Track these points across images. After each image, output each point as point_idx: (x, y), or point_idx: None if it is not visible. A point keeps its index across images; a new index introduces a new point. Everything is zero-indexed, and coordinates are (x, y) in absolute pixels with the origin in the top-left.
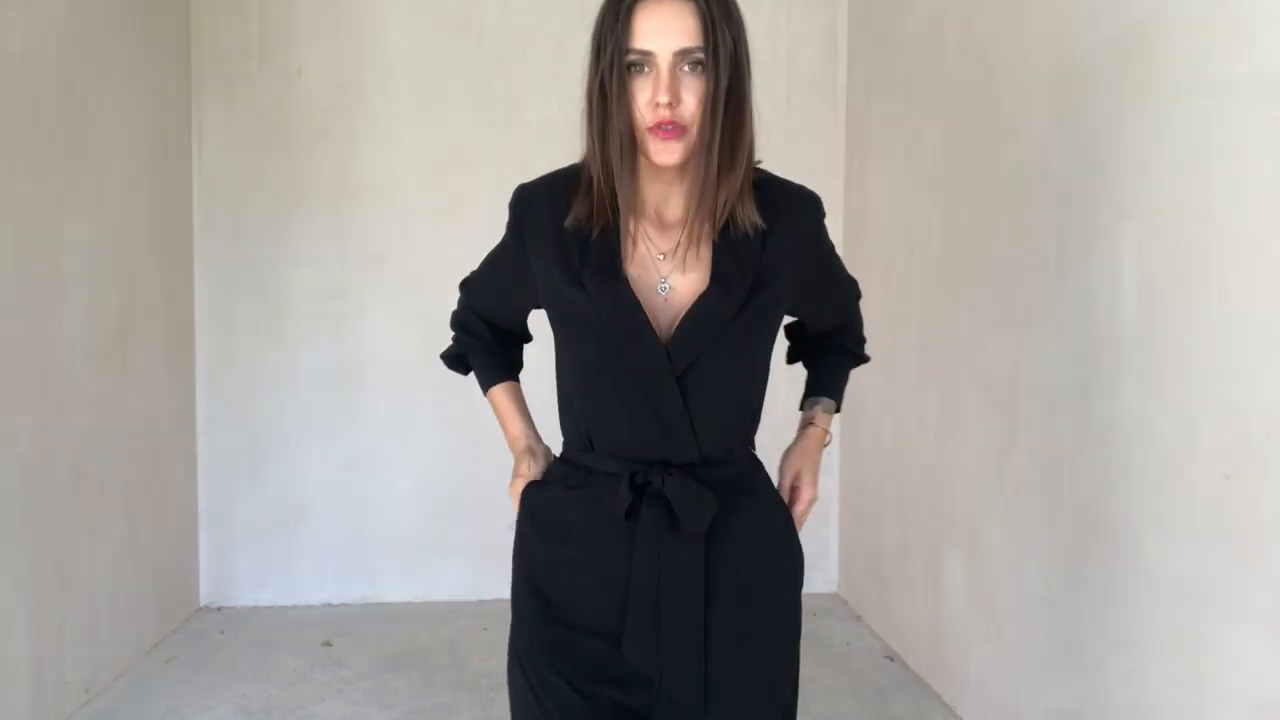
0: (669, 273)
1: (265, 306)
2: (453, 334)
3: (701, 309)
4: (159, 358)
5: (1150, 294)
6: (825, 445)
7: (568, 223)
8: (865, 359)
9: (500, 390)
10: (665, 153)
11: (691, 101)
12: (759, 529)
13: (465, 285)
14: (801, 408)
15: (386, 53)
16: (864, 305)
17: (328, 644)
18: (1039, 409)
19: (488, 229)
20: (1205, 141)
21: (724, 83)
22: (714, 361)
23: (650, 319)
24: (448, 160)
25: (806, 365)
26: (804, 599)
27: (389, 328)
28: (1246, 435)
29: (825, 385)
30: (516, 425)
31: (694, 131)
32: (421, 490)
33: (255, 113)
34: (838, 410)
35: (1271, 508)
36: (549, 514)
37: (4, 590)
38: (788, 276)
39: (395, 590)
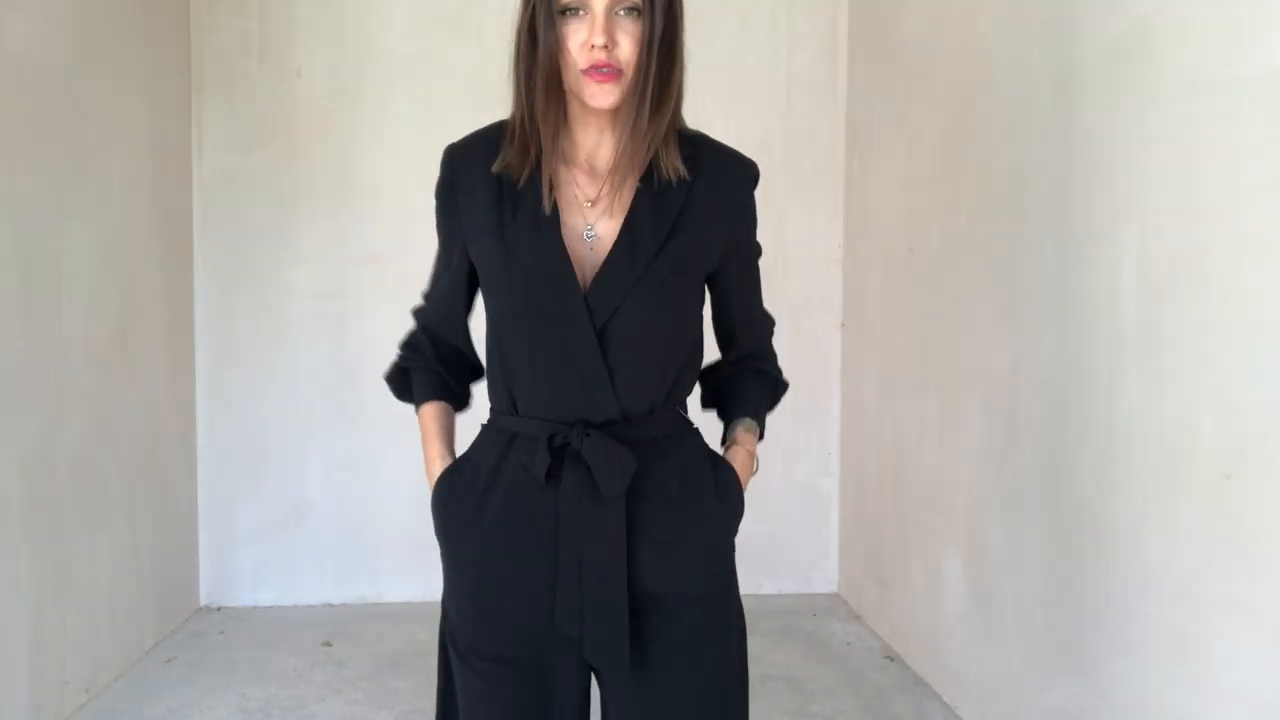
0: (595, 219)
1: (265, 306)
2: (394, 362)
3: (615, 256)
4: (159, 358)
5: (1150, 294)
6: (753, 472)
7: (495, 167)
8: (784, 383)
9: (430, 408)
10: (600, 95)
11: (627, 45)
12: (684, 487)
13: (416, 311)
14: (722, 441)
15: (386, 53)
16: (863, 305)
17: (328, 644)
18: (1039, 409)
19: None
20: (1205, 141)
21: (659, 27)
22: (634, 313)
23: (576, 269)
24: None
25: (719, 399)
26: (804, 599)
27: (389, 328)
28: (1246, 435)
29: (743, 407)
30: (434, 446)
31: (629, 75)
32: (421, 490)
33: (255, 113)
34: (761, 436)
35: (1271, 508)
36: (468, 499)
37: (4, 590)
38: (711, 231)
39: (395, 590)
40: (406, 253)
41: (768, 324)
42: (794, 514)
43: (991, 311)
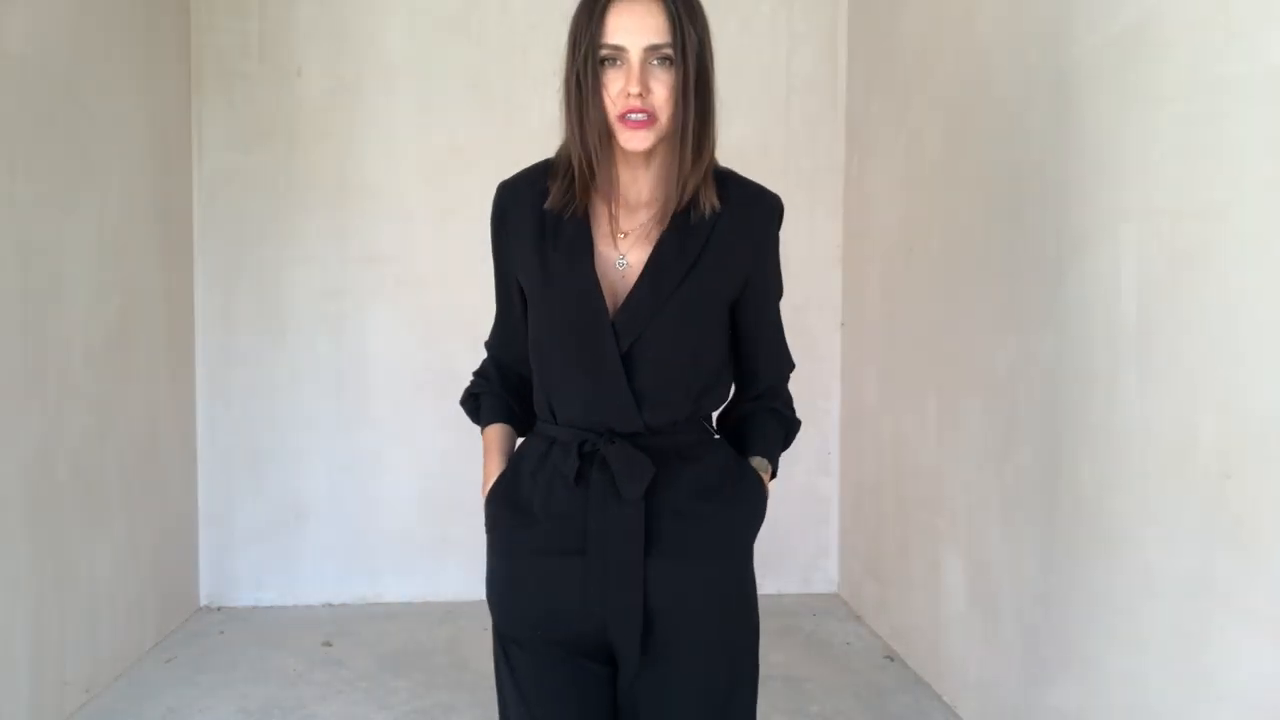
0: (628, 250)
1: (265, 306)
2: (468, 388)
3: (640, 284)
4: (159, 358)
5: (1150, 294)
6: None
7: (547, 204)
8: (797, 423)
9: (494, 430)
10: (634, 139)
11: (661, 92)
12: (701, 489)
13: (487, 343)
14: None
15: (386, 53)
16: (863, 305)
17: (328, 644)
18: (1039, 409)
19: (487, 229)
20: (1205, 141)
21: (691, 75)
22: (657, 337)
23: (608, 295)
24: (448, 160)
25: (733, 437)
26: (804, 599)
27: (389, 328)
28: (1246, 435)
29: (755, 444)
30: (493, 462)
31: (663, 120)
32: (421, 490)
33: (255, 113)
34: (773, 475)
35: (1271, 508)
36: (514, 496)
37: (4, 590)
38: (733, 262)
39: (395, 590)
40: (406, 253)
41: (785, 365)
42: (794, 514)
43: (991, 311)
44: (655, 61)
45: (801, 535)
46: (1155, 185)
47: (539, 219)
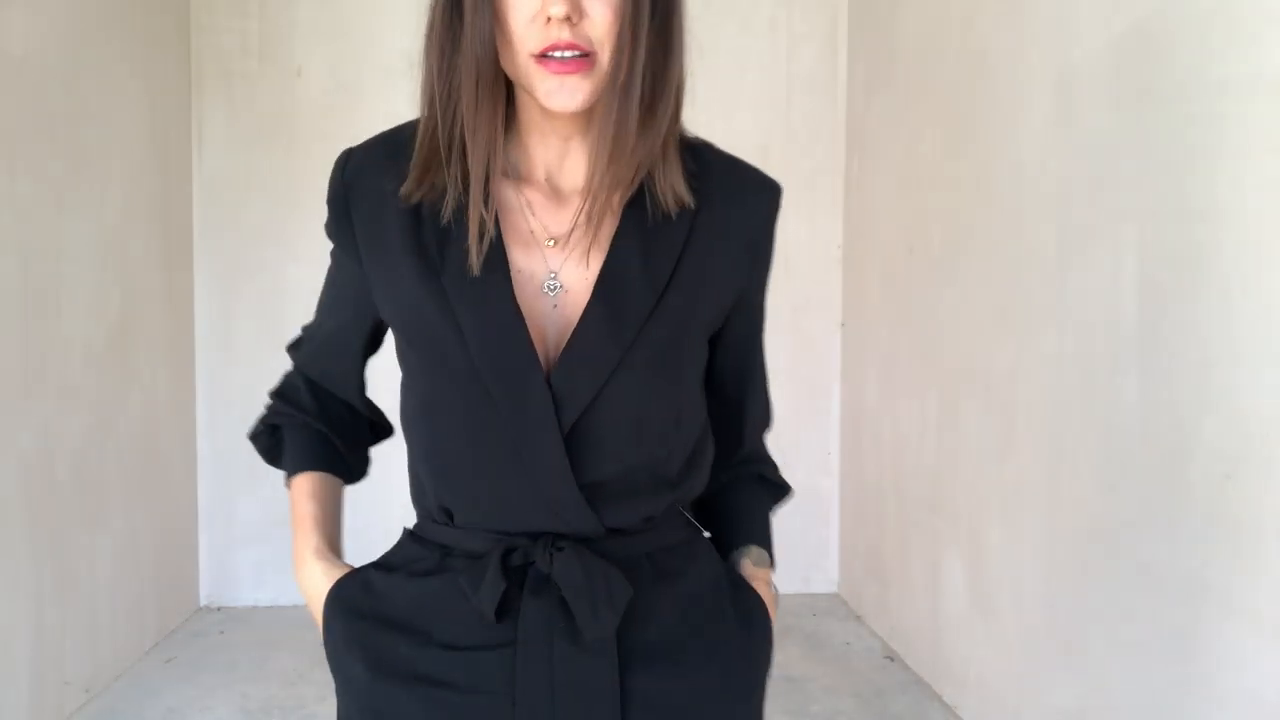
0: (561, 265)
1: (265, 306)
2: (261, 416)
3: (590, 319)
4: (159, 358)
5: (1150, 294)
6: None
7: (401, 192)
8: (787, 489)
9: (305, 481)
10: (562, 93)
11: (603, 16)
12: (691, 615)
13: (293, 347)
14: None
15: (386, 53)
16: (863, 305)
17: None
18: (1039, 409)
19: None
20: (1205, 141)
21: None
22: (619, 402)
23: (535, 338)
24: None
25: (715, 516)
26: (804, 599)
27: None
28: (1246, 435)
29: (748, 530)
30: (305, 537)
31: (604, 60)
32: None
33: (255, 113)
34: (772, 565)
35: (1271, 508)
36: (380, 623)
37: (4, 590)
38: (722, 277)
39: None
40: None
41: (768, 415)
42: (794, 514)
43: (991, 311)
44: None
45: (801, 535)
46: (1155, 185)
47: (408, 212)
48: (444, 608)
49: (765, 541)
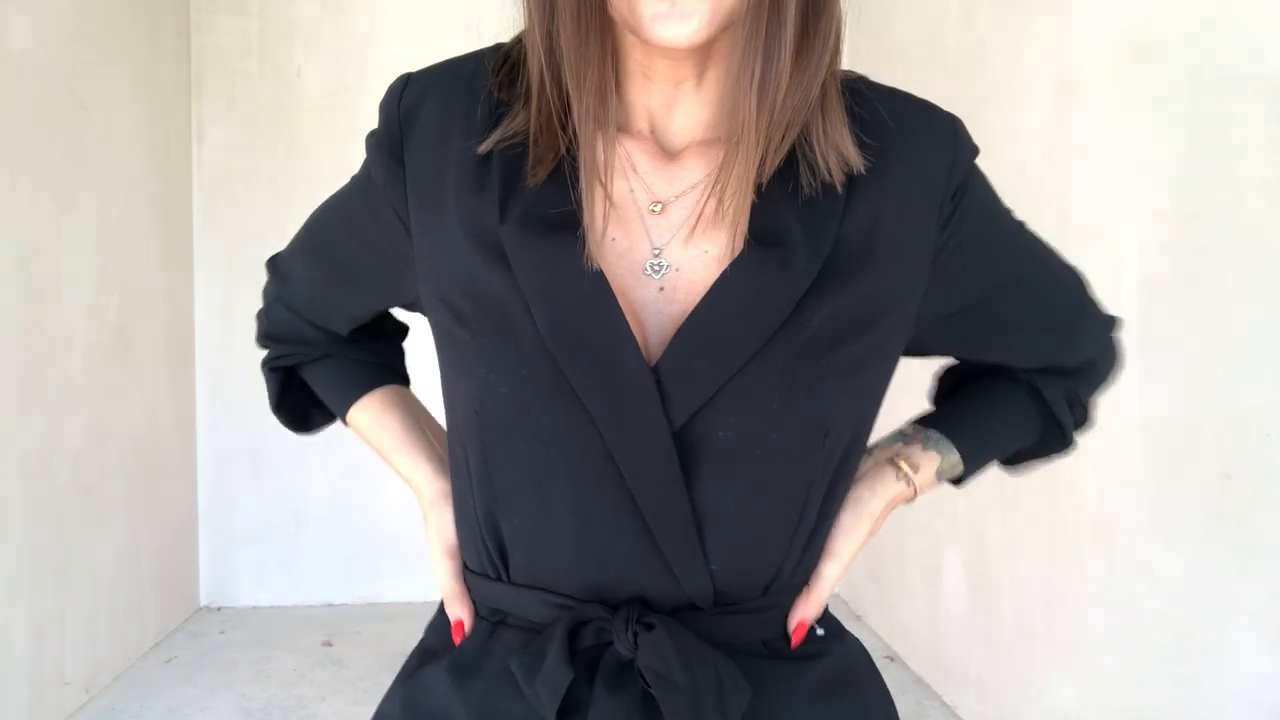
0: (668, 240)
1: None
2: (264, 349)
3: (726, 297)
4: (159, 358)
5: (1150, 294)
6: (901, 500)
7: (484, 146)
8: (1069, 435)
9: (371, 401)
10: (673, 18)
11: None
12: (826, 710)
13: (276, 267)
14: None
15: (386, 53)
16: None
17: (328, 644)
18: None
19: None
20: (1205, 141)
21: None
22: (749, 407)
23: (632, 324)
24: None
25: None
26: None
27: None
28: (1246, 435)
29: (952, 418)
30: (407, 453)
31: None
32: None
33: (255, 113)
34: (965, 474)
35: (1271, 508)
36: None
37: (4, 590)
38: (907, 260)
39: (395, 590)
40: None
41: (1093, 322)
42: None
43: None
44: None
45: None
46: (1155, 185)
47: (470, 161)
48: (497, 707)
49: (965, 437)
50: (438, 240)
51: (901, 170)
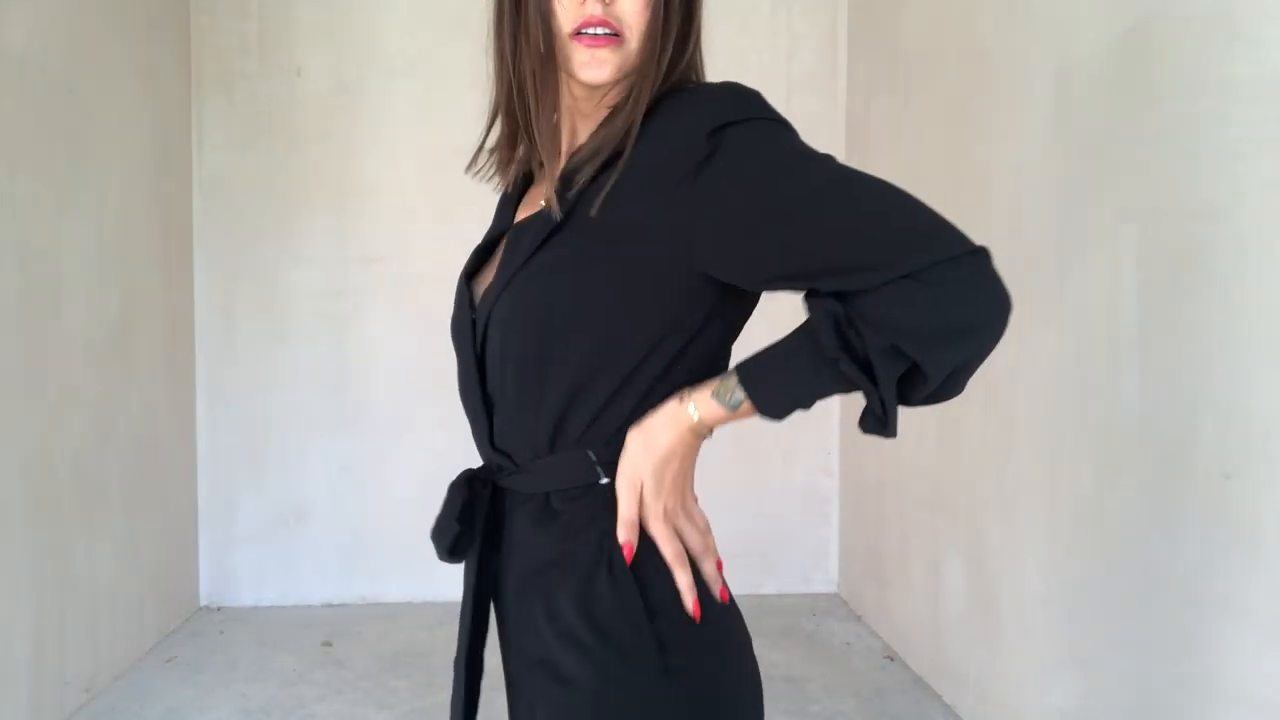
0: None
1: (265, 306)
2: None
3: (504, 254)
4: (159, 358)
5: (1150, 294)
6: (690, 435)
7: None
8: (830, 347)
9: None
10: (593, 64)
11: (631, 2)
12: (538, 574)
13: None
14: None
15: (386, 53)
16: None
17: (328, 644)
18: (1039, 409)
19: (484, 229)
20: (1205, 141)
21: None
22: (500, 326)
23: (493, 273)
24: (448, 160)
25: None
26: (804, 599)
27: (389, 328)
28: (1246, 435)
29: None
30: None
31: (633, 41)
32: (421, 490)
33: (255, 113)
34: (757, 399)
35: (1271, 508)
36: None
37: (4, 590)
38: (634, 209)
39: (395, 590)
40: (406, 253)
41: (881, 218)
42: (794, 514)
43: None
44: None
45: (801, 535)
46: (1155, 185)
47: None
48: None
49: (750, 370)
50: None
51: (652, 140)
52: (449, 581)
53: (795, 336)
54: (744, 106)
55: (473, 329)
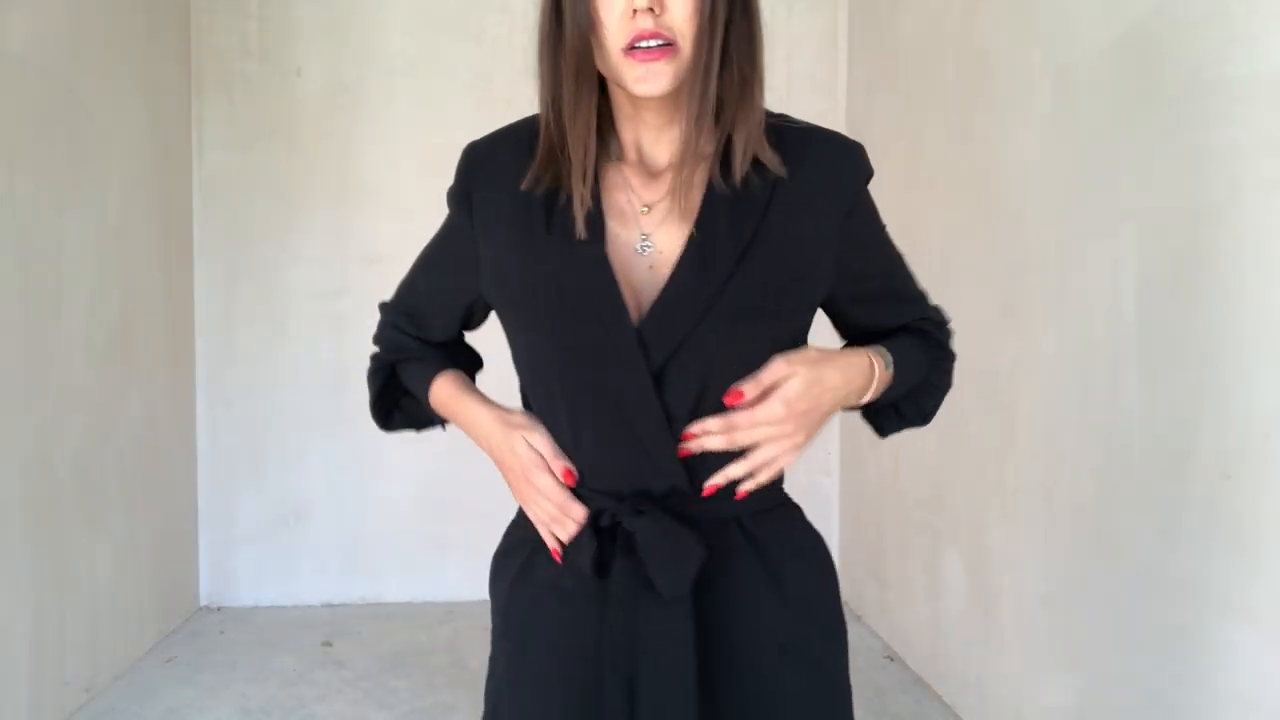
0: (653, 230)
1: (265, 306)
2: (371, 365)
3: (686, 269)
4: (159, 358)
5: (1150, 294)
6: (865, 395)
7: (524, 184)
8: (946, 350)
9: (445, 377)
10: (649, 79)
11: (681, 9)
12: (780, 589)
13: (385, 304)
14: None
15: (386, 53)
16: None
17: (328, 644)
18: (1039, 409)
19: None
20: (1205, 141)
21: None
22: (705, 347)
23: (629, 294)
24: (448, 160)
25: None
26: None
27: None
28: (1246, 435)
29: (883, 343)
30: (475, 403)
31: (686, 49)
32: (421, 490)
33: (255, 113)
34: (895, 380)
35: (1271, 508)
36: (519, 603)
37: (4, 590)
38: (814, 242)
39: (395, 590)
40: (406, 253)
41: (919, 305)
42: None
43: (991, 311)
44: None
45: None
46: (1156, 185)
47: (518, 195)
48: (546, 568)
49: (895, 353)
50: (494, 251)
51: (814, 182)
52: (449, 581)
53: (897, 341)
54: (869, 167)
55: (641, 346)
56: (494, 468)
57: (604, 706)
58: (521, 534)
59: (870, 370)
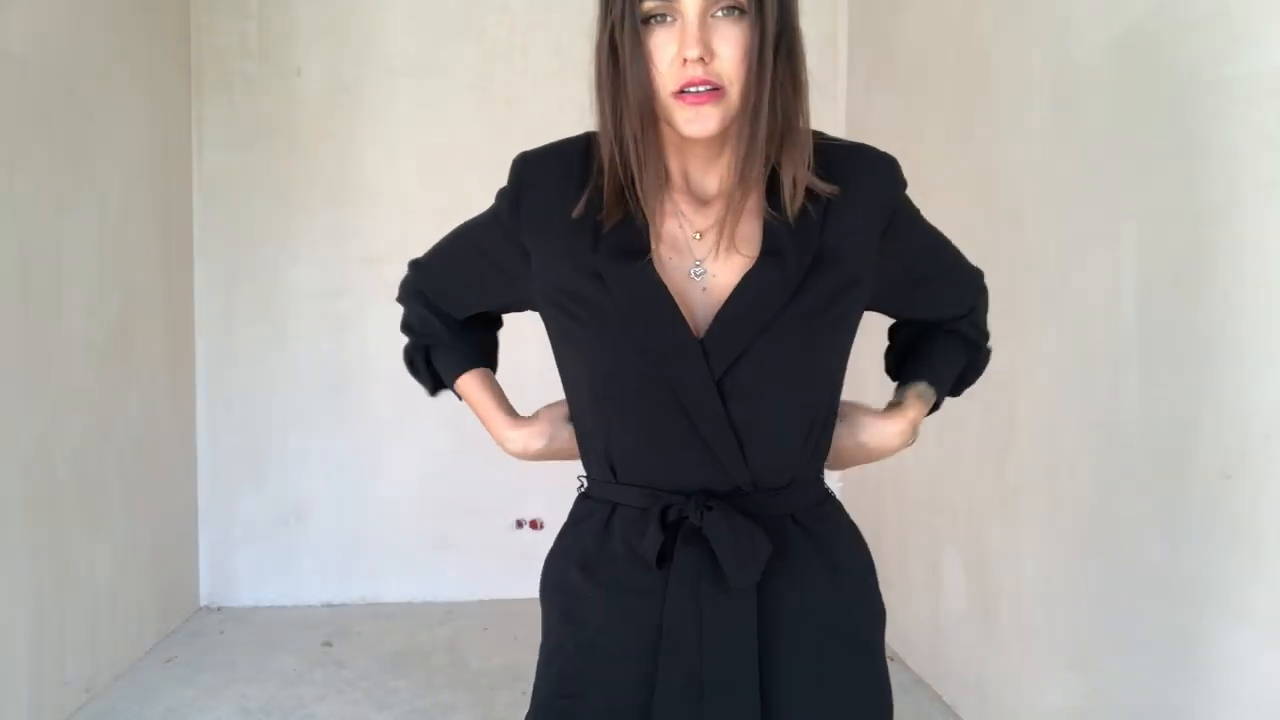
0: (705, 255)
1: (265, 306)
2: (407, 344)
3: (748, 289)
4: (159, 358)
5: (1150, 294)
6: (905, 441)
7: (576, 212)
8: (984, 349)
9: (471, 377)
10: (697, 121)
11: (730, 53)
12: (833, 578)
13: (418, 267)
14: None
15: (386, 53)
16: None
17: (328, 644)
18: (1039, 409)
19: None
20: (1205, 141)
21: (771, 29)
22: (766, 359)
23: (685, 313)
24: (448, 160)
25: (904, 352)
26: None
27: (389, 328)
28: (1246, 435)
29: (921, 369)
30: (493, 408)
31: (734, 93)
32: (421, 490)
33: (255, 113)
34: (937, 405)
35: (1271, 508)
36: (567, 581)
37: (4, 590)
38: (862, 257)
39: (395, 590)
40: (406, 253)
41: (972, 283)
42: None
43: (991, 311)
44: (719, 13)
45: None
46: (1156, 185)
47: (568, 213)
48: (610, 558)
49: (938, 380)
50: (546, 263)
51: (858, 198)
52: (449, 581)
53: (934, 349)
54: (903, 178)
55: (704, 354)
56: (494, 468)
57: (667, 689)
58: (576, 532)
59: (908, 436)
